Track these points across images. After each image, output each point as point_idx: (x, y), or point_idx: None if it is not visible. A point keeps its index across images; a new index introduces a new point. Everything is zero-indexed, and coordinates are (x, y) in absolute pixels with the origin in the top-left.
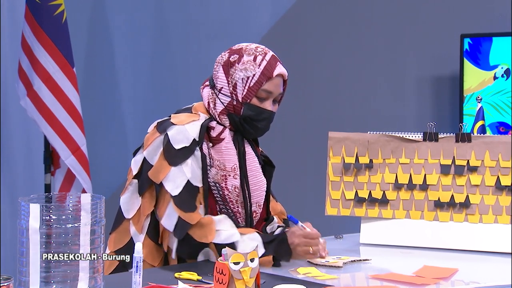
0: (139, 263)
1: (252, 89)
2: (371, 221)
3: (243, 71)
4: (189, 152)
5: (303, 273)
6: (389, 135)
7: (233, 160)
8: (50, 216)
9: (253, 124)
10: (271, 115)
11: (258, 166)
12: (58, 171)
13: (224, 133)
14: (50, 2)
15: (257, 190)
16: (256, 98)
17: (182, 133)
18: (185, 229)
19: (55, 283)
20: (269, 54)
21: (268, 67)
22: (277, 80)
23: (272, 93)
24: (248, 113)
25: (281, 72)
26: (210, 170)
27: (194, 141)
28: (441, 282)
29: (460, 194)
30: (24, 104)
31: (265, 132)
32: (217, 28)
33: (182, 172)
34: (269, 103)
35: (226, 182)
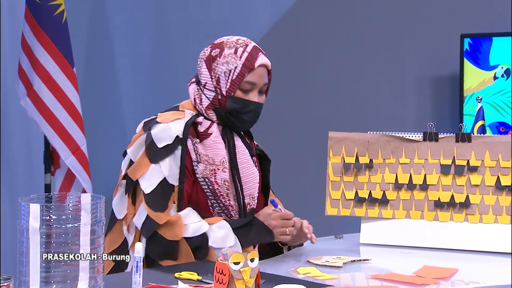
0: (139, 263)
1: (235, 81)
2: (371, 221)
3: (225, 64)
4: (170, 150)
5: (303, 273)
6: (389, 135)
7: (221, 154)
8: (50, 216)
9: (239, 116)
10: (257, 107)
11: (249, 159)
12: (58, 171)
13: (211, 128)
14: (50, 2)
15: (249, 182)
16: (240, 91)
17: (165, 131)
18: (151, 228)
19: (55, 283)
20: (250, 45)
21: (249, 58)
22: (260, 71)
23: (256, 84)
24: (233, 106)
25: (263, 62)
26: (198, 166)
27: (177, 138)
28: (441, 282)
29: (460, 194)
30: (24, 104)
31: (252, 124)
32: (217, 28)
33: (159, 170)
34: (254, 94)
35: (215, 176)
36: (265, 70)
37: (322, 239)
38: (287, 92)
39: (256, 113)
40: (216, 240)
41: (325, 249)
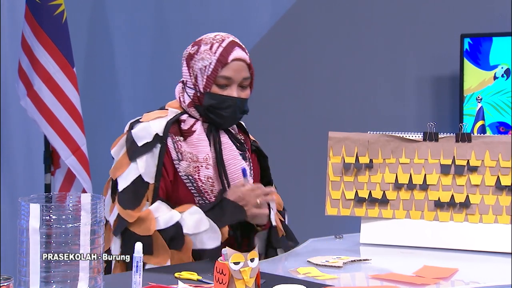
0: (139, 263)
1: (210, 77)
2: (371, 221)
3: (201, 61)
4: (149, 148)
5: (303, 273)
6: (389, 135)
7: (205, 151)
8: (50, 216)
9: (217, 112)
10: (236, 102)
11: (236, 154)
12: (58, 171)
13: (195, 125)
14: (50, 2)
15: (238, 178)
16: (216, 86)
17: (145, 129)
18: (121, 226)
19: (55, 283)
20: (227, 40)
21: (223, 53)
22: (235, 65)
23: (232, 78)
24: (210, 102)
25: (237, 56)
26: (180, 164)
27: (156, 136)
28: (441, 282)
29: (460, 194)
30: (24, 104)
31: (235, 119)
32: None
33: (135, 168)
34: (233, 89)
35: (199, 173)
36: (242, 64)
37: (322, 239)
38: (287, 92)
39: (236, 109)
40: (190, 227)
41: (325, 249)
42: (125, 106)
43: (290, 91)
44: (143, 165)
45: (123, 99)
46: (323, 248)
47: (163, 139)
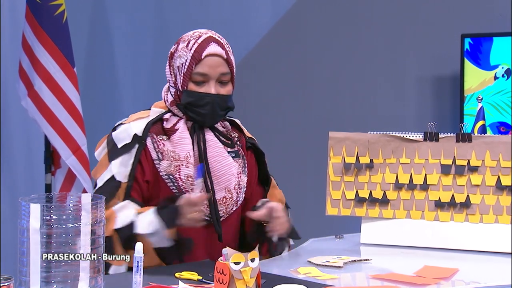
0: (139, 263)
1: (186, 74)
2: (372, 221)
3: (178, 59)
4: (128, 149)
5: (303, 273)
6: (389, 135)
7: (186, 149)
8: (51, 216)
9: (196, 110)
10: (214, 99)
11: (222, 152)
12: (58, 171)
13: (178, 124)
14: (51, 2)
15: (224, 175)
16: (193, 83)
17: (126, 131)
18: None
19: (56, 283)
20: (204, 36)
21: (198, 49)
22: (210, 61)
23: (208, 75)
24: (187, 99)
25: (211, 51)
26: (160, 164)
27: (135, 137)
28: (442, 282)
29: (461, 194)
30: (25, 104)
31: (215, 117)
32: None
33: (110, 168)
34: (210, 85)
35: (179, 172)
36: (217, 60)
37: (322, 239)
38: (288, 92)
39: (215, 105)
40: (143, 226)
41: (325, 249)
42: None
43: (290, 91)
44: (117, 164)
45: (123, 99)
46: (323, 248)
47: (142, 139)
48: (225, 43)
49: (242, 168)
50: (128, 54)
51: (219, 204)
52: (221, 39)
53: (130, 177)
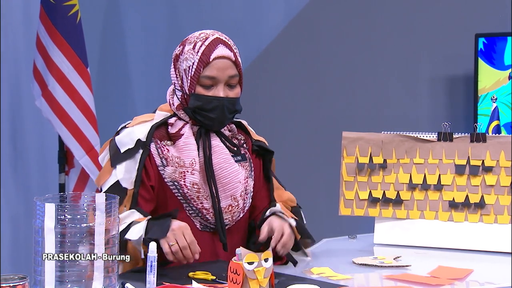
0: (153, 262)
1: (193, 78)
2: (385, 221)
3: (185, 61)
4: (131, 154)
5: (317, 273)
6: (403, 135)
7: (191, 155)
8: (65, 215)
9: (204, 114)
10: (223, 103)
11: (228, 158)
12: (72, 170)
13: (184, 129)
14: (65, 2)
15: (229, 182)
16: (201, 87)
17: (129, 135)
18: None
19: (70, 282)
20: (211, 38)
21: (205, 52)
22: (218, 63)
23: (216, 78)
24: (195, 103)
25: (220, 54)
26: (165, 170)
27: (138, 142)
28: (456, 282)
29: (475, 195)
30: (39, 104)
31: (224, 121)
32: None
33: (115, 173)
34: (219, 89)
35: (184, 179)
36: (226, 62)
37: (335, 239)
38: (300, 93)
39: (224, 109)
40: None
41: (339, 249)
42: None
43: (302, 92)
44: (122, 170)
45: (136, 98)
46: (337, 249)
47: (146, 145)
48: (232, 45)
49: (249, 172)
50: (141, 54)
51: (225, 212)
52: (228, 40)
53: (136, 183)
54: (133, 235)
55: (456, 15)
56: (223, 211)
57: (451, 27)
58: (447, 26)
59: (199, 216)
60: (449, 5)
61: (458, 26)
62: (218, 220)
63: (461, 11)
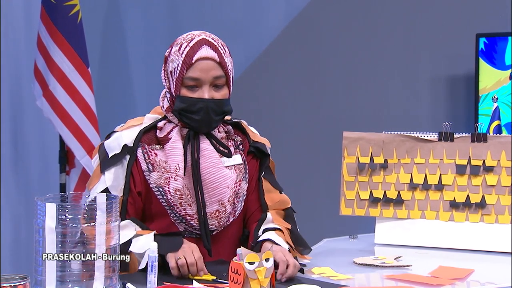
0: (154, 262)
1: (178, 80)
2: (386, 221)
3: (171, 63)
4: (118, 160)
5: (317, 273)
6: (404, 135)
7: (176, 160)
8: (66, 215)
9: (190, 116)
10: (207, 104)
11: (217, 162)
12: (73, 170)
13: (172, 132)
14: (66, 2)
15: (217, 187)
16: (185, 89)
17: (116, 140)
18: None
19: (71, 282)
20: (196, 39)
21: (189, 53)
22: (202, 64)
23: (200, 79)
24: (180, 106)
25: (202, 55)
26: (151, 175)
27: (124, 147)
28: (457, 282)
29: (476, 195)
30: (40, 104)
31: (211, 123)
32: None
33: (103, 180)
34: (204, 90)
35: (168, 185)
36: (209, 63)
37: (336, 239)
38: (301, 92)
39: (209, 111)
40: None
41: (339, 249)
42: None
43: (303, 91)
44: (111, 177)
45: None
46: (337, 248)
47: (133, 150)
48: (219, 46)
49: (243, 174)
50: (142, 54)
51: (211, 217)
52: (216, 41)
53: (125, 191)
54: (137, 248)
55: (457, 15)
56: (209, 217)
57: (452, 27)
58: (448, 26)
59: (183, 222)
60: (450, 5)
61: (459, 26)
62: (202, 226)
63: (462, 11)
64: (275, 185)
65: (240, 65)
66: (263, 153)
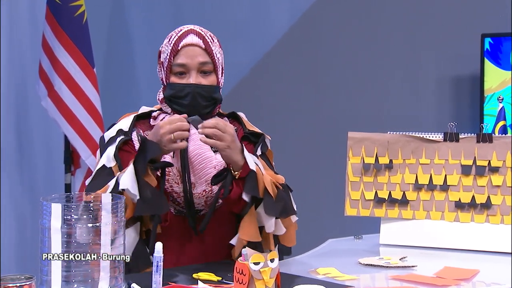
0: (159, 262)
1: (167, 68)
2: (391, 221)
3: (162, 54)
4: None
5: (322, 274)
6: (409, 135)
7: None
8: (71, 215)
9: (179, 102)
10: (194, 89)
11: (202, 145)
12: (78, 170)
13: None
14: (71, 3)
15: (203, 168)
16: (174, 76)
17: (114, 129)
18: None
19: (76, 282)
20: (185, 29)
21: (176, 41)
22: (187, 50)
23: (186, 65)
24: (169, 92)
25: (188, 42)
26: None
27: (119, 131)
28: (462, 283)
29: (481, 195)
30: (45, 105)
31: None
32: (235, 29)
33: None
34: (191, 76)
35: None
36: (195, 49)
37: (341, 239)
38: (306, 93)
39: (196, 95)
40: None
41: (344, 249)
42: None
43: (308, 91)
44: (105, 156)
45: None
46: (342, 249)
47: (128, 134)
48: (206, 36)
49: None
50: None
51: (198, 197)
52: (203, 31)
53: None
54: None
55: (462, 15)
56: (196, 196)
57: (457, 27)
58: (453, 26)
59: (170, 199)
60: (455, 5)
61: (464, 26)
62: (187, 201)
63: (467, 11)
64: (270, 166)
65: (244, 66)
66: (258, 136)
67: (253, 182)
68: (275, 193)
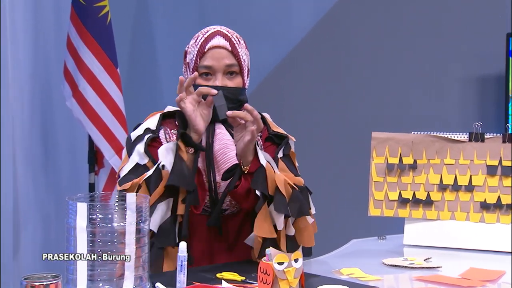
0: (183, 262)
1: (193, 69)
2: (415, 222)
3: (188, 55)
4: (140, 139)
5: (346, 274)
6: (433, 135)
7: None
8: (96, 215)
9: None
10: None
11: (229, 143)
12: (102, 170)
13: None
14: (95, 3)
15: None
16: (200, 78)
17: (141, 128)
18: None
19: (101, 281)
20: (212, 30)
21: (203, 43)
22: (213, 53)
23: (212, 67)
24: None
25: (214, 44)
26: None
27: (147, 130)
28: (488, 284)
29: (507, 196)
30: (70, 105)
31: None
32: (259, 28)
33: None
34: (217, 78)
35: None
36: (221, 51)
37: (365, 240)
38: (329, 92)
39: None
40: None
41: (368, 250)
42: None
43: (331, 91)
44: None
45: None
46: (366, 249)
47: (155, 133)
48: (233, 37)
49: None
50: (170, 54)
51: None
52: (230, 32)
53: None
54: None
55: (488, 14)
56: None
57: (482, 27)
58: (478, 25)
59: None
60: (480, 4)
61: (490, 26)
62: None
63: (492, 10)
64: (291, 168)
65: (268, 65)
66: (282, 138)
67: (261, 178)
68: (289, 193)
